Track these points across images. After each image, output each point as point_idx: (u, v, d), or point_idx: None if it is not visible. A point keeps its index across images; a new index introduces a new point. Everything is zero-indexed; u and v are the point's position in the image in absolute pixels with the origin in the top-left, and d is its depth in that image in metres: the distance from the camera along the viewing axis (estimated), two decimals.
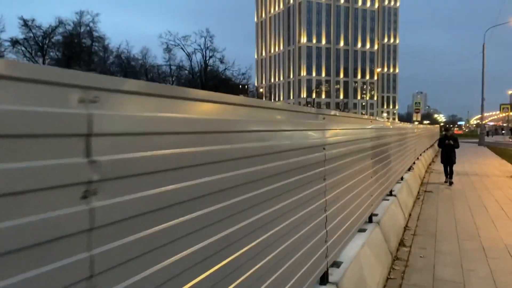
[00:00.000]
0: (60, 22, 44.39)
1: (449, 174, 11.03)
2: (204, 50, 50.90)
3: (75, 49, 43.16)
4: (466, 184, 10.88)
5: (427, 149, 18.23)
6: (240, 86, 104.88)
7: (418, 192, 9.56)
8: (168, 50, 49.42)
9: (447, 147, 10.80)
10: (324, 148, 2.98)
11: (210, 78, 50.51)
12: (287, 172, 2.26)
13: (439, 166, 14.62)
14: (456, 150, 10.94)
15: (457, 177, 12.26)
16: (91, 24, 46.99)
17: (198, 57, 56.06)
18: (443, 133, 12.00)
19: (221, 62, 52.67)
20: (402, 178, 8.55)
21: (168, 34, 55.44)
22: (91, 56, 44.28)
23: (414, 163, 11.51)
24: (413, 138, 11.49)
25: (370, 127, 5.18)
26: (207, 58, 51.38)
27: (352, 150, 3.92)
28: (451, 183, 10.71)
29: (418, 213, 7.73)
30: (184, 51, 50.63)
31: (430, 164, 16.14)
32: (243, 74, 60.78)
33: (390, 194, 6.99)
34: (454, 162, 10.98)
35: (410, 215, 7.49)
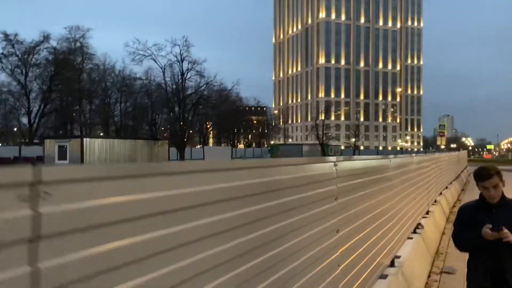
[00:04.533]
0: (45, 37, 41.89)
1: None
2: (180, 62, 43.30)
3: (62, 67, 40.84)
4: None
5: (450, 183, 14.20)
6: (259, 108, 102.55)
7: (429, 276, 5.74)
8: (137, 61, 41.86)
9: (490, 245, 2.65)
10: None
11: (188, 96, 43.92)
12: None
13: None
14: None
15: None
16: (81, 40, 44.56)
17: (175, 70, 46.13)
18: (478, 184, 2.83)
19: (201, 75, 43.65)
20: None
21: (137, 42, 41.83)
22: (82, 74, 41.95)
23: (427, 212, 7.75)
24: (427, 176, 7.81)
25: None
26: (184, 71, 43.50)
27: None
28: None
29: None
30: (157, 63, 43.53)
31: (454, 206, 12.12)
32: (229, 90, 54.04)
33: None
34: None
35: None
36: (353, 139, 76.12)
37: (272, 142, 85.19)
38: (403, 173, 5.22)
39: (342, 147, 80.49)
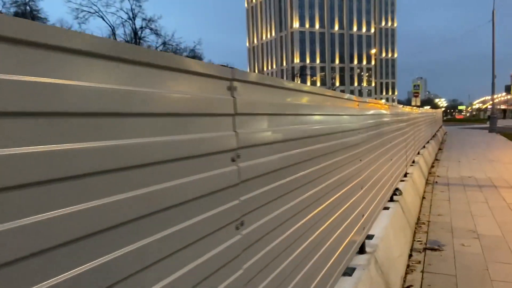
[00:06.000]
0: None
1: None
2: (132, 19, 37.79)
3: None
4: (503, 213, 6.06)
5: (427, 142, 13.33)
6: None
7: (410, 255, 4.67)
8: (82, 19, 36.28)
9: None
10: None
11: None
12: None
13: (444, 169, 9.83)
14: (466, 141, 5.56)
15: (476, 192, 7.41)
16: (31, 3, 39.67)
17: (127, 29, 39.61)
18: None
19: (156, 34, 38.74)
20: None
21: None
22: None
23: (406, 175, 6.70)
24: (408, 130, 6.71)
25: None
26: (138, 30, 37.71)
27: None
28: None
29: None
30: (106, 22, 39.57)
31: (432, 166, 11.24)
32: (191, 50, 49.52)
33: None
34: None
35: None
36: None
37: None
38: (379, 131, 4.02)
39: None
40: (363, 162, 3.19)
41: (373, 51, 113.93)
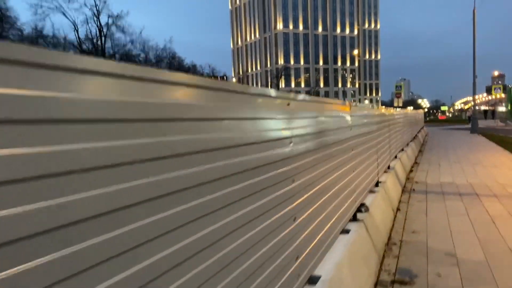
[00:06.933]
0: None
1: None
2: (97, 16, 35.00)
3: None
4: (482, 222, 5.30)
5: (407, 144, 12.63)
6: (219, 78, 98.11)
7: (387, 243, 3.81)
8: (42, 15, 34.42)
9: None
10: None
11: (109, 57, 37.10)
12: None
13: (423, 174, 9.04)
14: (447, 142, 4.87)
15: (456, 202, 6.65)
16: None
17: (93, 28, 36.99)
18: None
19: (123, 31, 36.05)
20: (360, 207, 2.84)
21: None
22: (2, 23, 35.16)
23: (377, 184, 5.87)
24: (384, 132, 5.90)
25: None
26: (103, 27, 35.26)
27: None
28: None
29: None
30: (68, 18, 35.68)
31: (411, 171, 10.50)
32: (163, 49, 47.10)
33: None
34: None
35: None
36: None
37: None
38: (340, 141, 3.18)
39: None
40: (297, 183, 2.32)
41: (355, 52, 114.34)
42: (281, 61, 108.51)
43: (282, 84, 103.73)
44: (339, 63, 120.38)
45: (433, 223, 5.53)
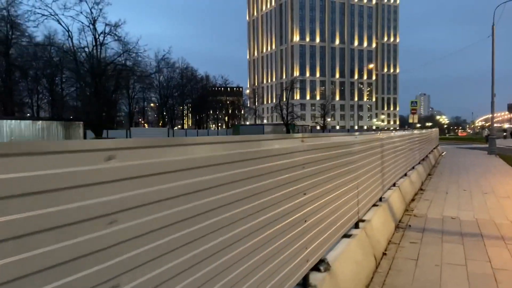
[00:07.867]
0: None
1: None
2: (93, 24, 34.12)
3: None
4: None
5: (411, 168, 11.54)
6: (235, 89, 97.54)
7: None
8: (36, 22, 34.77)
9: None
10: None
11: (106, 66, 34.52)
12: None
13: (426, 205, 7.93)
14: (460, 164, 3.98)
15: (456, 246, 5.62)
16: (9, 8, 36.34)
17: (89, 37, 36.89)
18: None
19: (118, 40, 35.26)
20: None
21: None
22: (10, 46, 35.92)
23: (357, 224, 4.92)
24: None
25: None
26: (99, 36, 34.28)
27: None
28: None
29: None
30: (62, 26, 35.16)
31: (413, 200, 9.41)
32: (161, 58, 45.65)
33: None
34: None
35: None
36: (320, 118, 73.87)
37: (247, 123, 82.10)
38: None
39: (310, 127, 78.47)
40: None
41: (371, 65, 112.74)
42: (296, 73, 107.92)
43: (297, 96, 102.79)
44: (356, 77, 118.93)
45: (421, 277, 4.53)
